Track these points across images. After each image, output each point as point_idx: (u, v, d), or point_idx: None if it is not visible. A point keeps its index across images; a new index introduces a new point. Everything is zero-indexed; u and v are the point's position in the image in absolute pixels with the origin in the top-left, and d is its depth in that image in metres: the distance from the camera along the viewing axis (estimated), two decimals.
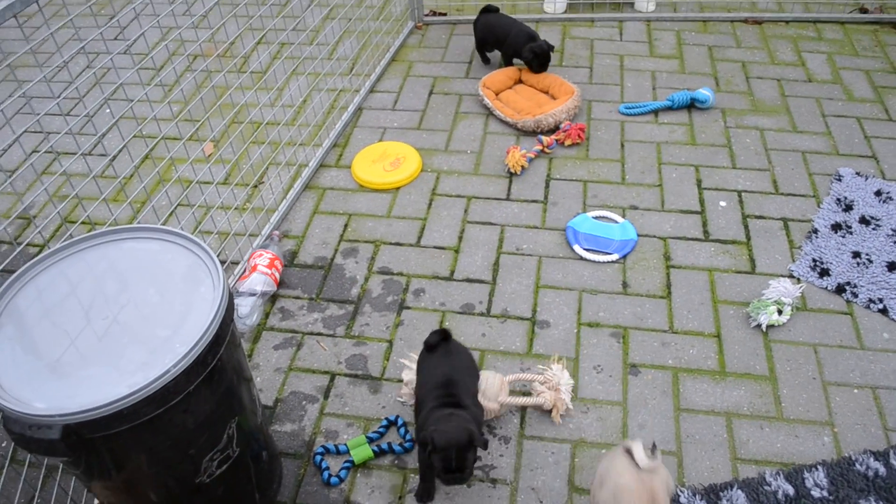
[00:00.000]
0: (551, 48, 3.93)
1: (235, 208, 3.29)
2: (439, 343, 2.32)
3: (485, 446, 2.07)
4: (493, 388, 2.41)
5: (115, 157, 3.64)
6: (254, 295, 2.85)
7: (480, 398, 2.33)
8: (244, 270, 2.96)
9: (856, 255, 3.02)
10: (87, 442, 1.65)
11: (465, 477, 2.05)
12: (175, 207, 2.87)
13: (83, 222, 3.27)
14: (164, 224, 3.06)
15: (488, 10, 4.18)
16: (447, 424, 2.05)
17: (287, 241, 3.19)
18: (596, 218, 3.22)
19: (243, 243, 3.10)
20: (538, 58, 3.90)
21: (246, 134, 3.71)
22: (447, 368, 2.25)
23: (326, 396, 2.59)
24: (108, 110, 4.01)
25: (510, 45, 3.99)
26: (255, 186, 3.44)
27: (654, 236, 3.14)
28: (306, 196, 3.41)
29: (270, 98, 3.97)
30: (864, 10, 4.68)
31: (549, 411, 2.48)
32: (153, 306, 1.83)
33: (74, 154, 3.68)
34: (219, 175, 3.45)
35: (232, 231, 3.14)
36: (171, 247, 1.98)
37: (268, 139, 3.63)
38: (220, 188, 3.38)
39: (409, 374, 2.48)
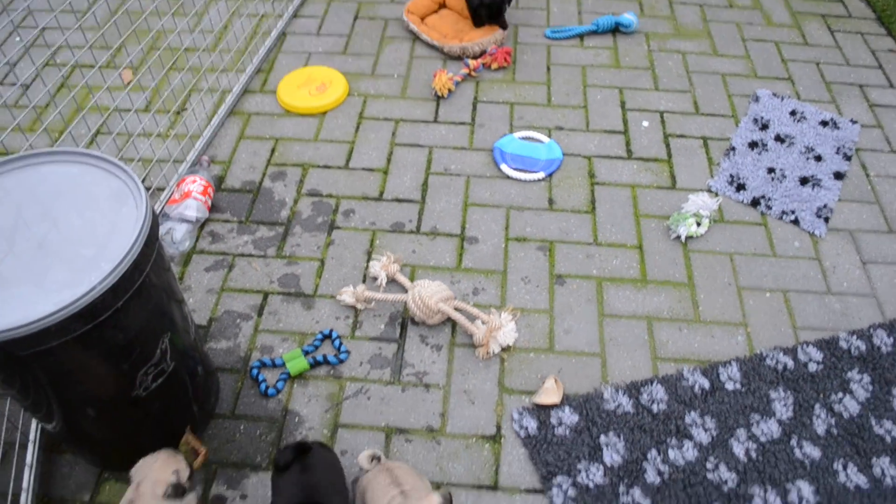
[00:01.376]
0: (506, 1, 3.67)
1: (158, 135, 3.27)
2: (293, 460, 1.96)
3: None
4: (440, 292, 2.54)
5: (28, 87, 3.55)
6: (188, 221, 2.87)
7: (419, 297, 2.46)
8: (171, 195, 2.97)
9: (770, 170, 3.20)
10: (20, 360, 1.68)
11: None
12: (94, 135, 2.83)
13: None
14: None
15: None
16: None
17: (213, 166, 3.19)
18: (522, 139, 3.32)
19: (168, 169, 3.10)
20: (485, 7, 3.65)
21: (165, 60, 3.66)
22: (306, 490, 1.91)
23: (260, 314, 2.65)
24: (17, 38, 3.89)
25: None
26: (178, 113, 3.41)
27: (579, 155, 3.27)
28: (231, 122, 3.41)
29: (189, 23, 3.91)
30: None
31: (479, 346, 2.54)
32: (76, 228, 1.84)
33: None
34: (139, 102, 3.41)
35: (155, 157, 3.13)
36: (91, 170, 1.97)
37: (188, 65, 3.59)
38: (140, 115, 3.34)
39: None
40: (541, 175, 3.15)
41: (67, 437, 2.10)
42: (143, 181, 3.05)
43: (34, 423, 2.30)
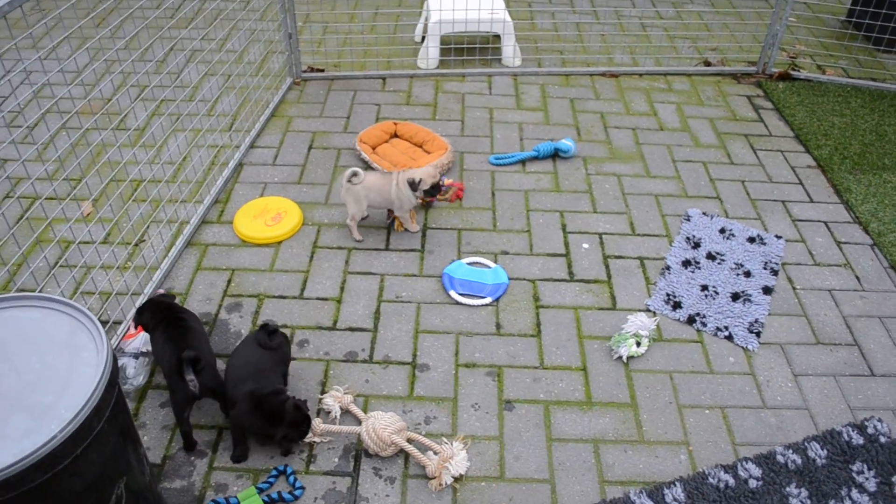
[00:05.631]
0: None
1: (117, 268, 3.29)
2: None
3: None
4: (393, 424, 2.56)
5: None
6: (140, 356, 2.87)
7: (373, 430, 2.50)
8: (127, 330, 2.97)
9: (704, 288, 3.33)
10: None
11: None
12: (54, 269, 2.85)
13: None
14: (42, 286, 3.05)
15: None
16: None
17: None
18: (470, 264, 3.41)
19: (126, 303, 3.11)
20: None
21: (126, 193, 3.72)
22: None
23: (215, 450, 2.63)
24: None
25: None
26: (137, 245, 3.45)
27: (524, 279, 3.37)
28: (189, 253, 3.45)
29: (150, 156, 3.99)
30: (707, 64, 5.15)
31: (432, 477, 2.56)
32: (36, 374, 1.86)
33: None
34: (99, 235, 3.44)
35: (114, 291, 3.14)
36: (53, 314, 2.00)
37: (149, 197, 3.65)
38: (100, 248, 3.37)
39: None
40: (488, 300, 3.23)
41: None
42: (100, 315, 3.05)
43: None
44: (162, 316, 2.69)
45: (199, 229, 3.60)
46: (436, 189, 3.47)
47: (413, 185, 3.41)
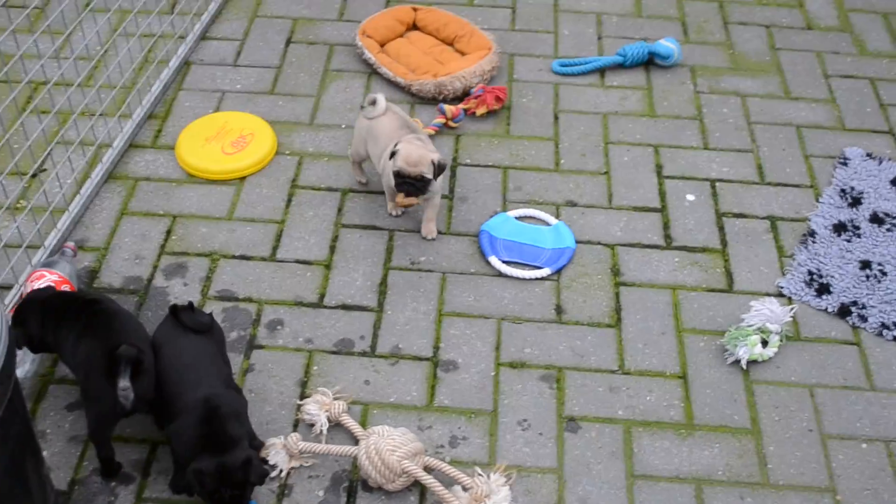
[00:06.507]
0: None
1: (6, 208, 3.28)
2: None
3: None
4: (405, 445, 2.57)
5: None
6: None
7: (376, 452, 2.51)
8: (18, 299, 2.99)
9: (865, 265, 3.30)
10: None
11: None
12: None
13: None
14: None
15: None
16: None
17: (84, 254, 3.24)
18: (520, 219, 3.42)
19: (17, 259, 3.10)
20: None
21: (20, 99, 3.71)
22: None
23: (146, 474, 2.65)
24: None
25: None
26: (35, 176, 3.46)
27: (599, 243, 3.37)
28: (110, 189, 3.48)
29: (57, 46, 3.97)
30: None
31: None
32: None
33: None
34: None
35: (1, 241, 3.15)
36: None
37: (53, 107, 3.63)
38: None
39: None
40: (546, 271, 3.24)
41: None
42: None
43: None
44: (61, 307, 2.64)
45: (126, 155, 3.62)
46: (406, 180, 3.13)
47: (392, 153, 3.17)
